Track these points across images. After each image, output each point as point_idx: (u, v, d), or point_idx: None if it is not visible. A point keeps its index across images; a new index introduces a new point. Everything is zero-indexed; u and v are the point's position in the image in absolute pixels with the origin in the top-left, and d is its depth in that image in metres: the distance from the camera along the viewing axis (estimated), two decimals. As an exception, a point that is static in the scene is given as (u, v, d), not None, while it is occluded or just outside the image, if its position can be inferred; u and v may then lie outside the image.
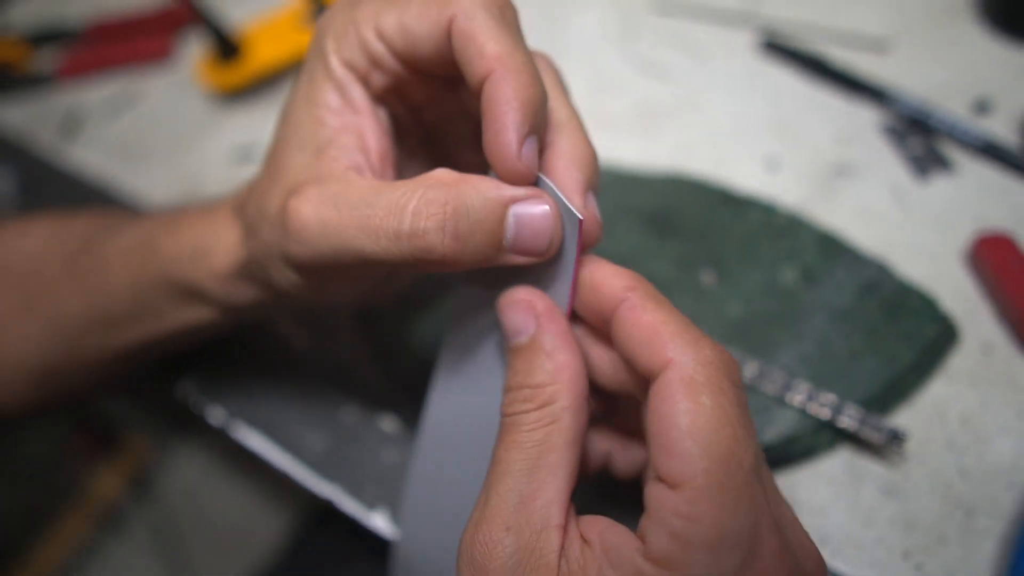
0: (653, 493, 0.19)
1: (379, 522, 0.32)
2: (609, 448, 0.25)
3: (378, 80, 0.23)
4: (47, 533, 1.18)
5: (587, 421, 0.21)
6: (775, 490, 0.20)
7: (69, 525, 1.19)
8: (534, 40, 0.23)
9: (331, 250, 0.21)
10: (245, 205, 0.26)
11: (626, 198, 0.39)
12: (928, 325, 0.32)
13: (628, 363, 0.20)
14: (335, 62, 0.23)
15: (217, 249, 0.27)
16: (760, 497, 0.18)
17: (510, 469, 0.20)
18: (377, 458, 0.34)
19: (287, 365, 0.38)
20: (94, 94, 0.54)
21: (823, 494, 0.30)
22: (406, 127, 0.27)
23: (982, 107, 0.39)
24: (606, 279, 0.21)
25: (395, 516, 0.32)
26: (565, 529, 0.19)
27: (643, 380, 0.20)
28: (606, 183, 0.39)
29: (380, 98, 0.24)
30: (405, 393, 0.35)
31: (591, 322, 0.22)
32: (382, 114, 0.24)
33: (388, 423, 0.35)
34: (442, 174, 0.21)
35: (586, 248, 0.22)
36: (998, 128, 0.38)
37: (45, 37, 0.58)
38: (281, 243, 0.22)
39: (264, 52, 0.50)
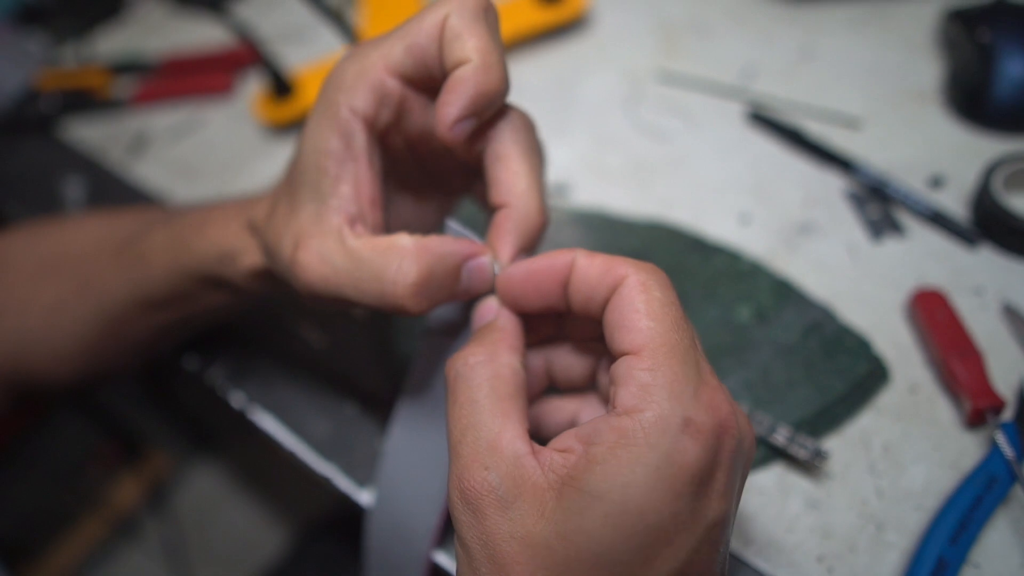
0: (619, 366, 0.23)
1: (366, 499, 0.37)
2: (576, 410, 0.30)
3: (385, 116, 0.28)
4: (64, 534, 1.22)
5: (525, 379, 0.26)
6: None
7: (86, 529, 1.24)
8: (548, 98, 0.29)
9: (331, 296, 0.27)
10: (264, 229, 0.30)
11: (614, 239, 0.44)
12: (861, 363, 0.36)
13: (592, 300, 0.25)
14: (345, 112, 0.27)
15: (243, 256, 0.32)
16: (699, 355, 0.23)
17: (471, 421, 0.24)
18: (372, 445, 0.39)
19: (303, 362, 0.43)
20: (161, 120, 0.62)
21: (754, 502, 0.34)
22: (402, 159, 0.31)
23: (936, 182, 0.44)
24: (553, 256, 0.26)
25: (376, 482, 0.37)
26: (536, 455, 0.23)
27: (604, 305, 0.25)
28: (598, 225, 0.45)
29: (382, 135, 0.29)
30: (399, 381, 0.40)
31: (555, 291, 0.26)
32: (376, 160, 0.28)
33: (384, 415, 0.40)
34: (407, 241, 0.26)
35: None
36: (948, 201, 0.43)
37: (125, 67, 0.66)
38: (293, 283, 0.28)
39: (313, 92, 0.57)
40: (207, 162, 0.57)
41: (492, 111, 0.27)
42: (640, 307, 0.23)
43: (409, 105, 0.29)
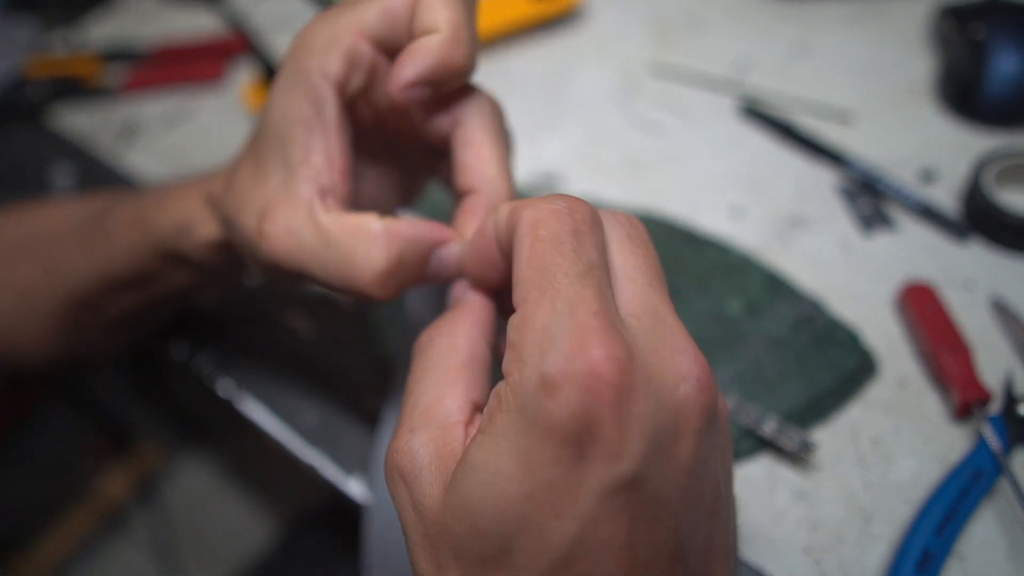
0: (508, 324, 0.21)
1: (354, 487, 0.37)
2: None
3: (356, 82, 0.27)
4: (52, 526, 1.22)
5: (486, 353, 0.24)
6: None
7: (75, 521, 1.23)
8: (541, 91, 0.29)
9: (293, 272, 0.26)
10: (222, 200, 0.29)
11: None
12: (850, 356, 0.36)
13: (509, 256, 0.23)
14: (316, 77, 0.26)
15: (200, 227, 0.32)
16: (581, 294, 0.19)
17: (416, 390, 0.23)
18: (359, 435, 0.39)
19: (292, 352, 0.43)
20: (152, 108, 0.61)
21: (742, 494, 0.34)
22: (368, 132, 0.30)
23: (927, 176, 0.44)
24: (485, 223, 0.24)
25: (369, 482, 0.37)
26: (469, 424, 0.22)
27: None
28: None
29: (351, 105, 0.28)
30: (389, 375, 0.40)
31: (499, 258, 0.24)
32: (346, 129, 0.27)
33: (372, 404, 0.40)
34: (377, 226, 0.25)
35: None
36: (939, 195, 0.43)
37: (115, 55, 0.65)
38: (255, 253, 0.27)
39: (304, 82, 0.57)
40: (197, 151, 0.57)
41: (452, 86, 0.26)
42: (524, 254, 0.21)
43: (380, 72, 0.28)
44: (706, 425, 0.20)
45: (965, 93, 0.47)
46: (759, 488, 0.34)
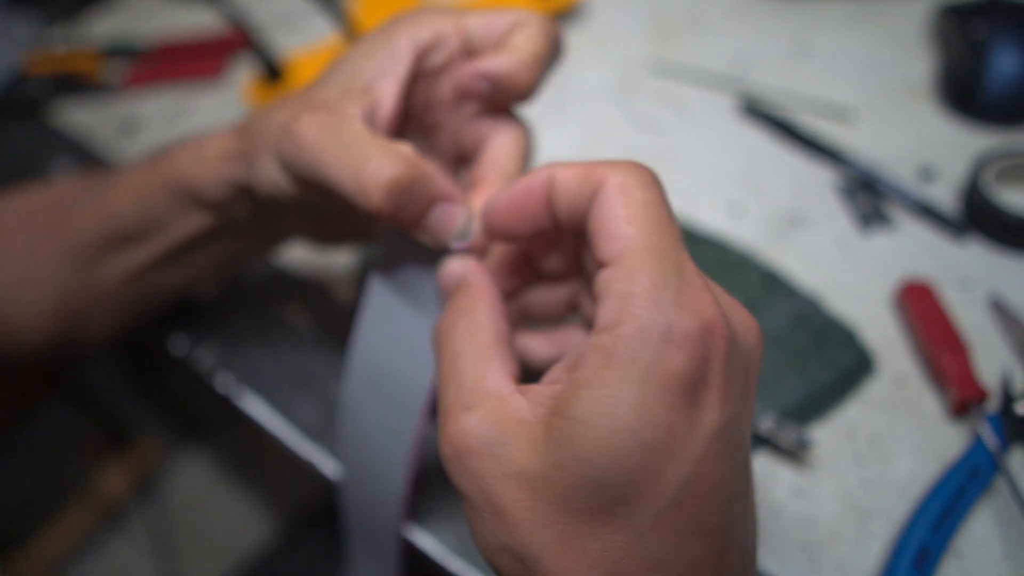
0: (600, 279, 0.21)
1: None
2: (524, 346, 0.30)
3: (434, 59, 0.30)
4: (51, 523, 1.22)
5: (507, 328, 0.25)
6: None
7: (73, 517, 1.23)
8: (543, 89, 0.31)
9: (310, 162, 0.27)
10: (252, 120, 0.31)
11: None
12: (848, 354, 0.36)
13: (576, 212, 0.23)
14: (403, 40, 0.29)
15: (211, 146, 0.32)
16: (685, 258, 0.21)
17: (452, 373, 0.24)
18: (358, 430, 0.39)
19: (291, 346, 0.43)
20: (152, 104, 0.61)
21: (739, 491, 0.34)
22: (412, 116, 0.32)
23: (927, 175, 0.44)
24: (531, 176, 0.25)
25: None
26: (523, 392, 0.22)
27: (584, 215, 0.23)
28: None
29: (413, 83, 0.30)
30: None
31: (539, 212, 0.25)
32: (406, 93, 0.30)
33: (371, 401, 0.40)
34: (407, 152, 0.26)
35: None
36: (938, 194, 0.43)
37: (116, 51, 0.65)
38: (280, 140, 0.28)
39: (305, 78, 0.57)
40: (197, 147, 0.57)
41: (507, 98, 0.30)
42: (619, 212, 0.22)
43: (453, 65, 0.30)
44: (759, 367, 0.23)
45: (965, 92, 0.47)
46: (756, 485, 0.34)
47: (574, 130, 0.51)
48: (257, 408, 0.41)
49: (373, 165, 0.26)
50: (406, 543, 0.34)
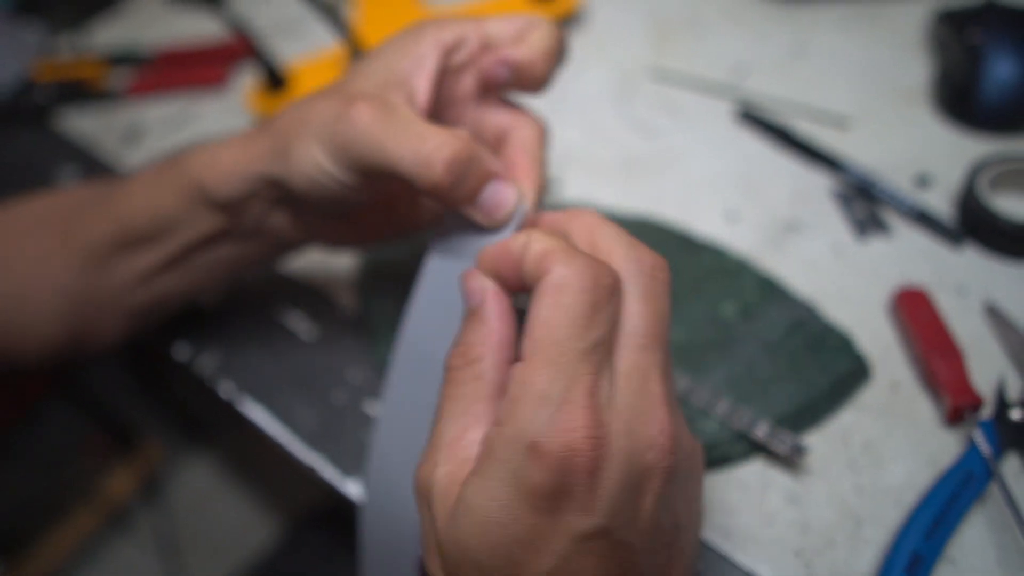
0: (511, 370, 0.23)
1: (352, 488, 0.37)
2: None
3: (458, 57, 0.32)
4: (56, 525, 1.22)
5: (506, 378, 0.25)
6: (647, 377, 0.23)
7: (78, 519, 1.24)
8: (542, 94, 0.33)
9: (367, 143, 0.28)
10: (276, 117, 0.32)
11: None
12: (843, 361, 0.36)
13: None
14: (429, 41, 0.31)
15: (226, 147, 0.33)
16: (586, 372, 0.22)
17: (444, 415, 0.25)
18: (358, 436, 0.39)
19: (292, 353, 0.43)
20: (156, 111, 0.62)
21: (734, 497, 0.34)
22: (435, 111, 0.34)
23: (923, 181, 0.44)
24: (512, 240, 0.25)
25: (365, 483, 0.37)
26: None
27: None
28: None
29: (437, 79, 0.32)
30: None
31: (518, 276, 0.26)
32: (436, 87, 0.31)
33: (371, 407, 0.40)
34: (463, 133, 0.28)
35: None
36: (934, 200, 0.43)
37: (120, 59, 0.66)
38: (333, 127, 0.29)
39: (307, 86, 0.57)
40: (200, 154, 0.57)
41: (524, 84, 0.33)
42: (540, 313, 0.23)
43: (474, 63, 0.32)
44: (667, 484, 0.23)
45: (961, 98, 0.47)
46: (751, 491, 0.34)
47: (571, 135, 0.52)
48: (259, 414, 0.41)
49: (434, 142, 0.27)
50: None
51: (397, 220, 0.37)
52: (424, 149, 0.27)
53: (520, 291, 0.27)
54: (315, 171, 0.30)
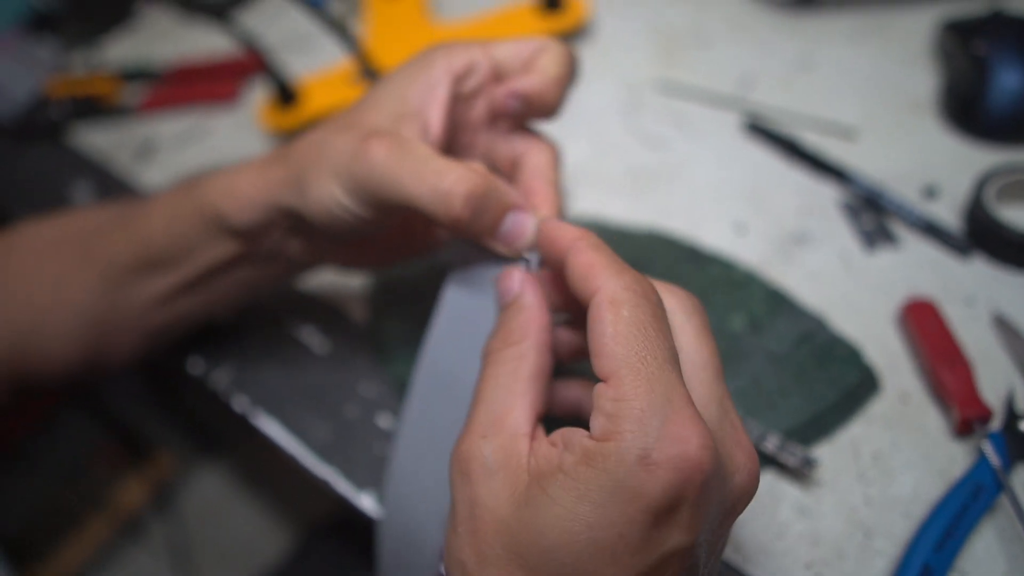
0: (595, 391, 0.23)
1: (366, 502, 0.38)
2: (579, 396, 0.30)
3: (468, 84, 0.32)
4: (69, 534, 1.23)
5: (549, 361, 0.27)
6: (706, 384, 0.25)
7: (91, 529, 1.25)
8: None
9: (384, 179, 0.29)
10: (292, 146, 0.33)
11: (610, 248, 0.44)
12: (852, 372, 0.37)
13: (581, 298, 0.25)
14: (440, 68, 0.32)
15: (244, 175, 0.34)
16: (676, 382, 0.22)
17: (486, 396, 0.26)
18: (371, 449, 0.40)
19: (305, 367, 0.44)
20: (168, 126, 0.63)
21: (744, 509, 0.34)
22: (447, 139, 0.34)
23: (930, 192, 0.44)
24: (561, 231, 0.27)
25: (382, 498, 0.37)
26: (532, 437, 0.24)
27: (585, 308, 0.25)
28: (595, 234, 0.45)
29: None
30: (401, 395, 0.41)
31: (553, 268, 0.28)
32: (449, 114, 0.32)
33: (384, 420, 0.41)
34: (478, 166, 0.29)
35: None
36: (942, 212, 0.43)
37: (133, 75, 0.67)
38: (350, 165, 0.29)
39: (317, 100, 0.58)
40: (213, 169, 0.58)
41: (536, 113, 0.33)
42: (607, 330, 0.23)
43: (484, 89, 0.33)
44: (744, 507, 0.24)
45: (967, 109, 0.47)
46: (761, 504, 0.34)
47: (581, 146, 0.52)
48: (273, 428, 0.42)
49: (452, 177, 0.28)
50: None
51: (411, 244, 0.38)
52: (442, 185, 0.28)
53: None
54: (333, 205, 0.30)
